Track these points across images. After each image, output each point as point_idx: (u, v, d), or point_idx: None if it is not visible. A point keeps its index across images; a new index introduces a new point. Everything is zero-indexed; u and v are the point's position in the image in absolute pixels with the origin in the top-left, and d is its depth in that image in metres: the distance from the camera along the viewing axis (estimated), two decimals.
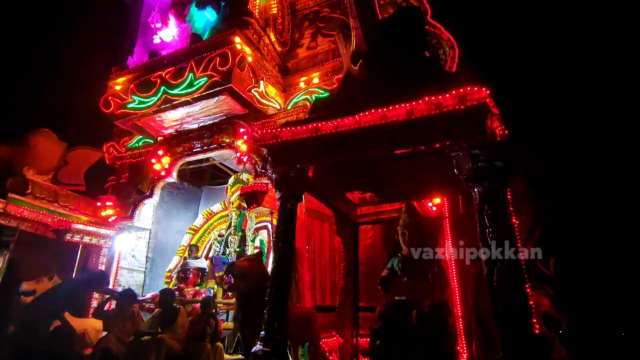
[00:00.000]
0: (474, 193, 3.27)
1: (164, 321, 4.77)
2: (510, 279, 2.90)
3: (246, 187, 5.91)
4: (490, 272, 2.96)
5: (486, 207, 3.15)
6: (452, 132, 3.34)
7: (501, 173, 3.24)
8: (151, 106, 6.85)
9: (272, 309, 3.65)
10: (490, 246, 3.03)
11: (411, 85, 3.72)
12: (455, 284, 5.08)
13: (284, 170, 4.13)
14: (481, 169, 3.23)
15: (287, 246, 3.92)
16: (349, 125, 3.74)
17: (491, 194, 3.18)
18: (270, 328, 3.57)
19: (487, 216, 3.12)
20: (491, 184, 3.20)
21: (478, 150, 3.25)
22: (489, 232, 3.06)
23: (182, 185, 9.97)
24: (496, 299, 2.86)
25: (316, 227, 6.25)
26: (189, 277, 6.43)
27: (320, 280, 5.97)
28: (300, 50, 8.09)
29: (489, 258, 3.01)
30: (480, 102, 3.21)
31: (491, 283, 2.93)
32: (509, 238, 3.09)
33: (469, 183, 3.30)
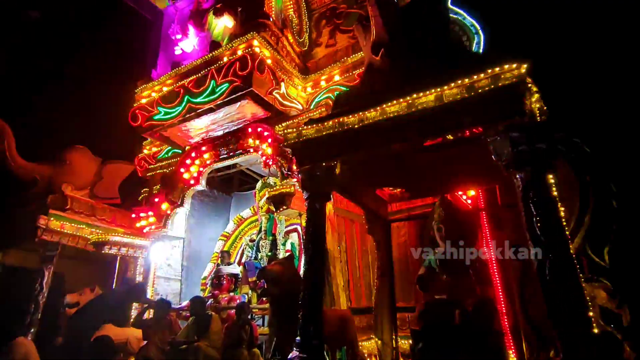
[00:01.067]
0: (516, 180, 3.00)
1: (199, 329, 4.75)
2: (563, 272, 2.62)
3: (273, 190, 5.84)
4: (542, 266, 2.69)
5: (531, 194, 2.88)
6: (487, 115, 3.09)
7: (544, 156, 2.96)
8: (176, 116, 6.93)
9: (307, 313, 3.51)
10: (540, 237, 2.75)
11: (438, 69, 3.49)
12: (497, 279, 4.77)
13: (310, 169, 4.00)
14: (522, 154, 2.96)
15: (317, 247, 3.77)
16: (374, 117, 3.56)
17: (535, 180, 2.90)
18: (305, 333, 3.44)
19: (533, 204, 2.85)
20: (534, 169, 2.93)
21: (517, 133, 2.98)
22: (537, 221, 2.78)
23: (211, 192, 10.08)
24: (550, 295, 2.58)
25: (346, 227, 6.08)
26: (223, 283, 6.43)
27: (353, 281, 5.80)
28: (319, 49, 7.98)
29: (538, 250, 2.74)
30: (519, 80, 2.94)
31: (543, 278, 2.65)
32: (558, 227, 2.82)
33: (509, 170, 3.03)
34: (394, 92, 3.54)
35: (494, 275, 4.77)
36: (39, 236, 6.58)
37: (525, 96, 2.99)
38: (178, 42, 7.99)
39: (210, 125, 7.21)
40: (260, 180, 8.15)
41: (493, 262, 4.97)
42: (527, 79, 2.99)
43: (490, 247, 4.95)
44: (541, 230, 2.75)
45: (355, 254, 6.06)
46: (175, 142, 7.80)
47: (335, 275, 5.38)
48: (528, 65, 2.97)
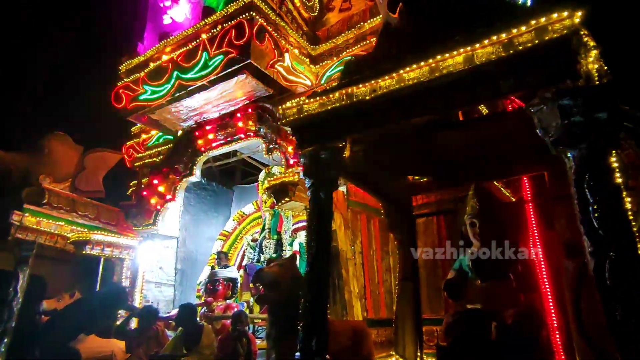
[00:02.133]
0: (568, 160, 2.72)
1: (187, 341, 4.67)
2: (628, 275, 2.34)
3: (273, 179, 5.68)
4: (600, 267, 2.42)
5: (587, 177, 2.60)
6: (530, 79, 2.81)
7: (605, 130, 2.67)
8: (165, 95, 6.86)
9: (308, 324, 3.35)
10: (598, 231, 2.48)
11: (469, 25, 3.22)
12: (546, 286, 4.49)
13: (313, 152, 3.80)
14: (576, 126, 2.67)
15: (322, 245, 3.59)
16: (389, 85, 3.33)
17: (592, 160, 2.62)
18: (306, 348, 3.28)
19: (589, 190, 2.57)
20: (591, 146, 2.64)
21: (569, 101, 2.70)
22: (594, 211, 2.51)
23: (210, 186, 10.05)
24: (610, 303, 2.32)
25: (363, 223, 5.87)
26: (218, 289, 6.34)
27: (371, 287, 5.60)
28: (331, 15, 7.74)
29: (596, 248, 2.47)
30: (571, 32, 2.65)
31: (602, 282, 2.39)
32: (622, 219, 2.53)
33: (559, 148, 2.76)
34: (414, 55, 3.30)
35: (542, 281, 4.49)
36: (13, 234, 6.65)
37: (580, 53, 2.70)
38: (167, 9, 7.91)
39: (204, 105, 7.11)
40: (264, 170, 8.02)
41: (542, 265, 4.70)
42: (582, 31, 2.69)
43: (538, 246, 4.69)
44: (600, 223, 2.48)
45: (373, 255, 5.85)
46: (165, 126, 7.76)
47: (348, 280, 5.20)
48: (584, 13, 2.67)
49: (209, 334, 4.79)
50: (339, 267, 5.20)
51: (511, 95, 2.94)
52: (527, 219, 4.99)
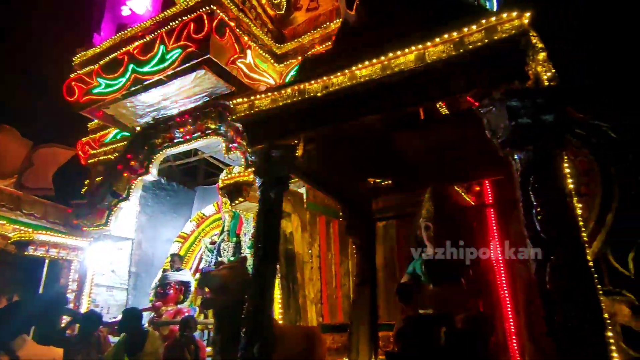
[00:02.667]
0: (515, 162, 2.70)
1: (129, 348, 4.41)
2: (572, 279, 2.31)
3: (227, 179, 5.51)
4: (541, 271, 2.38)
5: (532, 179, 2.57)
6: (480, 79, 2.78)
7: (552, 131, 2.65)
8: (120, 89, 6.58)
9: (251, 330, 3.20)
10: (539, 235, 2.45)
11: (423, 23, 3.19)
12: (505, 291, 4.51)
13: (264, 150, 3.67)
14: (523, 127, 2.65)
15: (269, 247, 3.45)
16: (341, 82, 3.24)
17: (538, 162, 2.59)
18: (248, 355, 3.12)
19: (534, 193, 2.54)
20: (538, 147, 2.62)
21: (517, 102, 2.67)
22: (537, 214, 2.48)
23: (170, 185, 9.73)
24: (549, 307, 2.28)
25: (321, 226, 5.77)
26: (169, 293, 6.08)
27: (328, 292, 5.49)
28: (298, 14, 7.66)
29: (537, 251, 2.44)
30: (519, 32, 2.63)
31: (543, 286, 2.35)
32: (567, 221, 2.51)
33: (506, 149, 2.73)
34: (368, 53, 3.23)
35: (500, 286, 4.51)
36: None
37: (528, 54, 2.69)
38: (127, 0, 7.62)
39: (162, 101, 6.86)
40: (225, 170, 7.79)
41: (501, 270, 4.73)
42: (531, 32, 2.68)
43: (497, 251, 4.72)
44: (542, 227, 2.45)
45: (331, 258, 5.75)
46: (121, 122, 7.45)
47: (303, 285, 5.08)
48: (532, 14, 2.66)
49: (154, 341, 4.55)
50: (294, 271, 5.07)
51: (461, 95, 2.89)
52: (488, 223, 5.02)
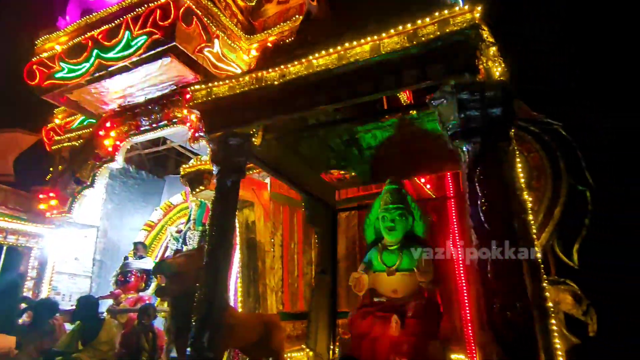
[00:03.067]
0: (463, 154, 2.66)
1: (84, 336, 4.21)
2: (509, 270, 2.29)
3: (188, 167, 5.33)
4: (483, 261, 2.35)
5: (478, 171, 2.54)
6: (433, 71, 2.72)
7: (499, 124, 2.63)
8: (84, 74, 6.25)
9: (202, 318, 3.08)
10: (483, 225, 2.42)
11: (380, 14, 3.10)
12: (462, 281, 4.51)
13: (222, 137, 3.53)
14: (471, 120, 2.62)
15: (224, 234, 3.33)
16: (298, 71, 3.13)
17: (485, 154, 2.57)
18: (198, 343, 3.00)
19: (479, 184, 2.51)
20: (485, 140, 2.59)
21: (467, 95, 2.64)
22: (481, 205, 2.45)
23: (139, 174, 9.41)
24: (489, 295, 2.26)
25: (285, 216, 5.66)
26: (130, 281, 5.86)
27: (290, 280, 5.40)
28: (269, 6, 7.45)
29: (481, 242, 2.41)
30: (470, 26, 2.59)
31: (484, 275, 2.32)
32: (510, 212, 2.49)
33: (455, 141, 2.69)
34: (325, 43, 3.13)
35: (459, 276, 4.51)
36: None
37: (479, 48, 2.65)
38: None
39: (128, 88, 6.56)
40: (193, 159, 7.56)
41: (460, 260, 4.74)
42: (482, 26, 2.64)
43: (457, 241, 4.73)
44: (486, 218, 2.42)
45: (294, 248, 5.66)
46: (86, 108, 7.09)
47: (264, 273, 4.96)
48: (483, 8, 2.62)
49: (110, 329, 4.35)
50: (255, 260, 4.96)
51: (414, 87, 2.82)
52: (449, 214, 5.02)
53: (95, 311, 4.45)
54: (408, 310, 3.44)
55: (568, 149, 4.86)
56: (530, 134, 4.94)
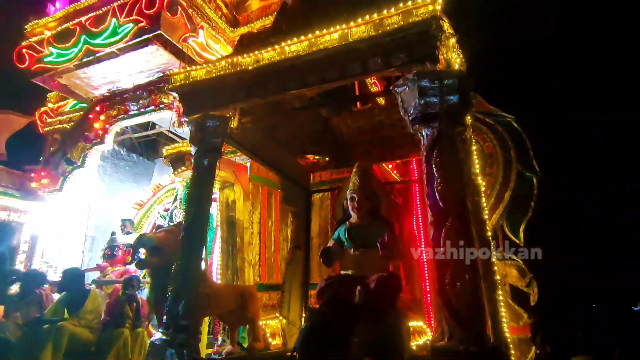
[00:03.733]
0: (422, 138, 2.57)
1: (69, 306, 4.01)
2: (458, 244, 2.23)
3: (172, 148, 5.11)
4: (437, 236, 2.29)
5: (435, 153, 2.46)
6: (396, 59, 2.61)
7: (456, 111, 2.54)
8: (72, 59, 5.88)
9: (177, 288, 2.95)
10: (438, 203, 2.35)
11: (349, 6, 2.96)
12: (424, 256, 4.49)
13: (200, 120, 3.35)
14: (430, 106, 2.52)
15: (200, 211, 3.18)
16: (271, 57, 2.97)
17: (442, 137, 2.48)
18: (173, 311, 2.87)
19: (435, 166, 2.43)
20: (443, 125, 2.50)
21: (427, 82, 2.53)
22: (437, 185, 2.37)
23: (130, 157, 9.05)
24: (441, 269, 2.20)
25: (263, 196, 5.51)
26: (117, 254, 5.64)
27: (267, 255, 5.28)
28: (253, 1, 7.16)
29: (436, 219, 2.34)
30: (431, 17, 2.47)
31: (437, 249, 2.26)
32: (465, 190, 2.43)
33: (415, 125, 2.59)
34: (298, 31, 2.97)
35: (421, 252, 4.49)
36: None
37: (438, 38, 2.54)
38: None
39: (116, 74, 6.22)
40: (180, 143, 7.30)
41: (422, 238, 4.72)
42: (442, 18, 2.53)
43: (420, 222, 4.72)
44: (440, 195, 2.34)
45: (272, 226, 5.53)
46: (76, 92, 6.72)
47: (242, 248, 4.83)
48: (444, 1, 2.50)
49: (95, 299, 4.17)
50: (234, 236, 4.82)
51: (378, 74, 2.71)
52: (413, 197, 4.99)
53: (81, 282, 4.25)
54: (371, 282, 3.37)
55: (519, 139, 4.87)
56: (486, 125, 4.92)
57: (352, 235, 3.82)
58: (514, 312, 4.19)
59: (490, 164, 4.89)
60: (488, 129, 4.97)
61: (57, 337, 3.66)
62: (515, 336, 3.92)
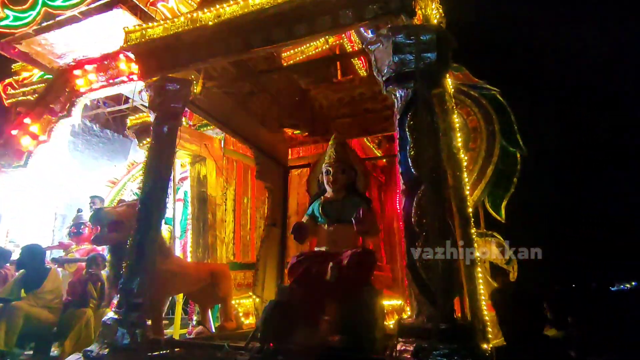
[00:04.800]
0: (396, 100, 2.34)
1: (27, 285, 3.76)
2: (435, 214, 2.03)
3: (136, 119, 4.80)
4: (408, 205, 2.09)
5: (409, 116, 2.24)
6: (368, 10, 2.35)
7: (433, 70, 2.31)
8: (30, 23, 5.43)
9: (132, 264, 2.71)
10: (411, 170, 2.14)
11: None
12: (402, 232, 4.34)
13: (158, 83, 3.05)
14: (405, 64, 2.29)
15: (158, 183, 2.92)
16: (234, 12, 2.68)
17: (418, 99, 2.25)
18: (127, 288, 2.65)
19: (409, 130, 2.21)
20: (418, 85, 2.27)
21: (402, 38, 2.28)
22: (410, 150, 2.16)
23: (103, 132, 8.64)
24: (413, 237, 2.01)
25: (238, 172, 5.27)
26: (83, 232, 5.37)
27: (242, 233, 5.08)
28: None
29: (408, 187, 2.14)
30: None
31: (408, 218, 2.06)
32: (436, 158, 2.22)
33: (389, 86, 2.36)
34: None
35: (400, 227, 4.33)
36: None
37: None
38: None
39: (81, 41, 5.78)
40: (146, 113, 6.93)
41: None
42: None
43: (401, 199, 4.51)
44: (414, 163, 2.13)
45: (247, 203, 5.31)
46: (39, 61, 6.25)
47: (214, 225, 4.62)
48: None
49: (55, 279, 3.92)
50: (206, 212, 4.59)
51: (350, 27, 2.45)
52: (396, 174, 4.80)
53: (40, 260, 3.98)
54: (344, 258, 3.19)
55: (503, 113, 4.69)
56: (470, 98, 4.73)
57: (327, 210, 3.61)
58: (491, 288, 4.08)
59: (474, 138, 4.72)
60: (472, 102, 4.77)
61: (10, 318, 3.42)
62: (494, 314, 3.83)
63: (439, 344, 1.77)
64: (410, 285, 1.99)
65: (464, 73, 4.88)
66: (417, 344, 1.80)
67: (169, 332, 4.83)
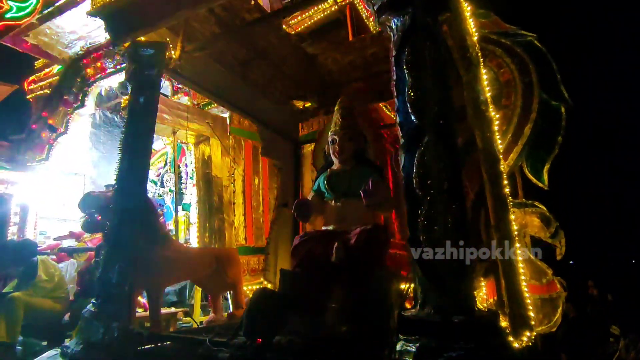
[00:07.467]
0: (392, 33, 1.84)
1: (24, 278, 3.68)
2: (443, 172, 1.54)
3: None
4: (409, 161, 1.61)
5: (407, 50, 1.73)
6: None
7: None
8: (32, 12, 5.33)
9: (109, 251, 2.45)
10: (411, 117, 1.65)
11: None
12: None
13: (131, 48, 2.72)
14: None
15: (136, 160, 2.62)
16: None
17: (418, 28, 1.74)
18: (104, 277, 2.39)
19: (407, 67, 1.71)
20: (418, 10, 1.75)
21: None
22: (409, 90, 1.66)
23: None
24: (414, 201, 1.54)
25: (247, 152, 4.92)
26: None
27: (254, 216, 4.77)
28: None
29: (407, 138, 1.65)
30: None
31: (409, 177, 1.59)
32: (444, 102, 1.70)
33: (382, 15, 1.85)
34: None
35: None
36: None
37: None
38: None
39: (84, 27, 5.60)
40: None
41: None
42: None
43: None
44: (413, 108, 1.64)
45: (258, 184, 4.97)
46: (49, 52, 6.18)
47: (221, 208, 4.33)
48: None
49: (47, 268, 3.80)
50: (212, 194, 4.30)
51: None
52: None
53: (31, 253, 3.86)
54: (352, 237, 2.75)
55: (542, 61, 3.96)
56: (502, 47, 4.02)
57: (333, 183, 3.18)
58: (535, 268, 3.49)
59: (507, 93, 4.00)
60: (504, 51, 4.06)
61: (9, 309, 3.34)
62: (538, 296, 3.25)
63: (450, 342, 1.31)
64: (412, 265, 1.53)
65: (493, 20, 4.15)
66: (421, 343, 1.35)
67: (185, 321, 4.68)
